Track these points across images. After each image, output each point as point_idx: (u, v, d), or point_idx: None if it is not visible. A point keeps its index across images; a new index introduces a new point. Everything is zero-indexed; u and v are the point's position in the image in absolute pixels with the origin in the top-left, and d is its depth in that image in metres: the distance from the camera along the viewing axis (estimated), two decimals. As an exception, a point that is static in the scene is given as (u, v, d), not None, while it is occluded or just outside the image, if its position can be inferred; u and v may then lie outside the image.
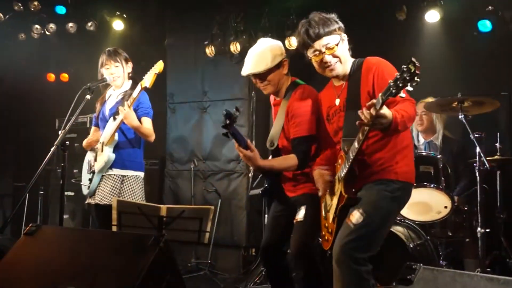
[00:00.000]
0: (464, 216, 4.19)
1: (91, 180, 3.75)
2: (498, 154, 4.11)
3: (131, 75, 3.91)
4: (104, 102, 3.95)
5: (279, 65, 3.03)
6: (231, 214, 5.81)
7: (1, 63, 6.67)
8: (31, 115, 7.21)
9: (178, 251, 5.51)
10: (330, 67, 2.67)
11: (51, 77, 7.34)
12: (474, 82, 5.04)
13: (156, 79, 3.59)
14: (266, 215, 4.84)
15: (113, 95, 3.91)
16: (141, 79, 3.62)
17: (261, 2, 5.76)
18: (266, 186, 3.19)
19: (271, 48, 3.05)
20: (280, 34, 5.69)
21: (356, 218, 2.45)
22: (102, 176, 3.75)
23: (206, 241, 3.42)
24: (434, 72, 4.99)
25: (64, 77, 7.28)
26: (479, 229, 3.83)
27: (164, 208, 3.29)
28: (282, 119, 3.06)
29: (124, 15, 6.39)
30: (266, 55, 3.01)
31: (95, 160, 3.81)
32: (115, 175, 3.72)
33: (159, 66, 3.58)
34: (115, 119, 3.70)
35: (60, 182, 3.48)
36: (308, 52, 2.70)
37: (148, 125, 3.75)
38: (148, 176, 4.05)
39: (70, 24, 6.51)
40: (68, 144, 3.44)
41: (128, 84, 3.88)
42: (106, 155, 3.70)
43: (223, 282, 5.18)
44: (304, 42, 2.69)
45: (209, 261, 5.56)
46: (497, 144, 4.13)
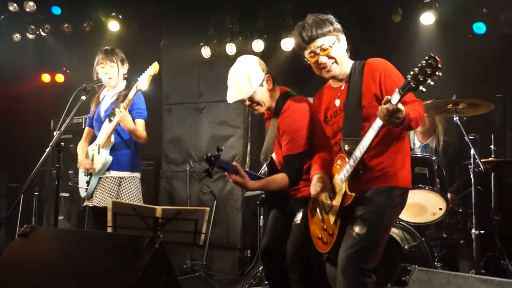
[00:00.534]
0: (458, 217, 4.20)
1: (88, 182, 3.74)
2: (493, 156, 4.12)
3: (126, 76, 3.89)
4: (98, 103, 3.94)
5: (261, 84, 3.03)
6: (227, 216, 5.81)
7: (-4, 63, 6.67)
8: (26, 115, 7.19)
9: (174, 253, 5.50)
10: (326, 68, 2.66)
11: (46, 78, 7.32)
12: (469, 84, 5.06)
13: (152, 80, 3.58)
14: (262, 217, 4.86)
15: (107, 96, 3.90)
16: (135, 80, 3.61)
17: (257, 4, 5.76)
18: (264, 196, 3.20)
19: (250, 69, 3.03)
20: (275, 36, 5.71)
21: (360, 228, 2.45)
22: (100, 179, 3.74)
23: (201, 242, 3.42)
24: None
25: (59, 78, 7.27)
26: (473, 230, 3.84)
27: (159, 209, 3.28)
28: (274, 134, 3.06)
29: (120, 16, 6.38)
30: (245, 81, 3.02)
31: (92, 163, 3.80)
32: (113, 177, 3.72)
33: (154, 68, 3.57)
34: (110, 121, 3.69)
35: (55, 183, 3.47)
36: (305, 54, 2.70)
37: (142, 127, 3.74)
38: (144, 177, 4.04)
39: (66, 25, 6.50)
40: (63, 145, 3.42)
41: (123, 84, 3.86)
42: (104, 157, 3.69)
43: (218, 284, 5.18)
44: (299, 45, 2.71)
45: (204, 262, 5.55)
46: (491, 146, 4.15)
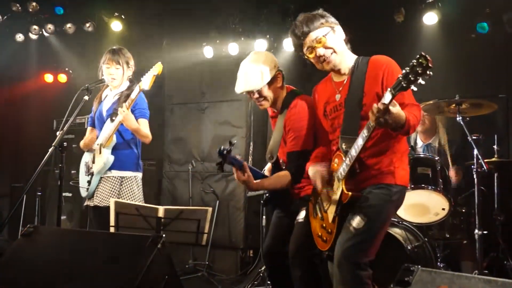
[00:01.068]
0: (461, 218, 4.20)
1: (89, 182, 3.74)
2: (496, 156, 4.11)
3: (131, 77, 3.89)
4: (100, 102, 3.94)
5: (272, 80, 3.04)
6: (229, 216, 5.81)
7: (-1, 63, 6.68)
8: (28, 115, 7.21)
9: (176, 252, 5.50)
10: (326, 59, 2.64)
11: (49, 78, 7.33)
12: (472, 84, 5.05)
13: (154, 80, 3.58)
14: (264, 217, 4.86)
15: (109, 96, 3.90)
16: (138, 80, 3.61)
17: (259, 4, 5.76)
18: (267, 195, 3.20)
19: (263, 63, 3.05)
20: (278, 36, 5.71)
21: (357, 222, 2.45)
22: (101, 178, 3.74)
23: (203, 242, 3.42)
24: (432, 74, 4.99)
25: (62, 78, 7.28)
26: (476, 231, 3.83)
27: (161, 209, 3.28)
28: (281, 132, 3.06)
29: (123, 16, 6.40)
30: (258, 72, 3.02)
31: (93, 162, 3.80)
32: (114, 176, 3.71)
33: (158, 68, 3.56)
34: (112, 121, 3.69)
35: (58, 183, 3.47)
36: (303, 51, 2.69)
37: (145, 126, 3.74)
38: (146, 177, 4.04)
39: (68, 25, 6.51)
40: (66, 145, 3.43)
41: (125, 84, 3.86)
42: (105, 157, 3.69)
43: (220, 284, 5.17)
44: (296, 43, 2.71)
45: (206, 262, 5.55)
46: (494, 146, 4.14)
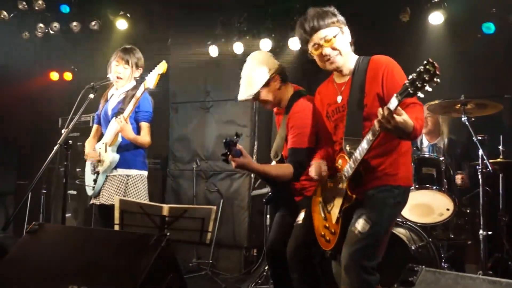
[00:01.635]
0: (466, 218, 4.18)
1: (95, 180, 3.75)
2: (501, 157, 4.10)
3: (137, 78, 3.89)
4: (106, 101, 3.95)
5: (268, 82, 3.05)
6: (233, 214, 5.81)
7: (5, 61, 6.70)
8: (34, 113, 7.23)
9: (180, 251, 5.51)
10: (330, 60, 2.63)
11: (55, 76, 7.36)
12: (477, 85, 5.03)
13: (159, 79, 3.59)
14: (268, 216, 4.86)
15: (115, 95, 3.91)
16: (143, 79, 3.62)
17: (264, 3, 5.76)
18: (270, 194, 3.20)
19: (257, 68, 3.07)
20: (283, 35, 5.71)
21: (362, 226, 2.43)
22: (107, 177, 3.75)
23: (207, 241, 3.42)
24: (439, 81, 4.97)
25: (68, 76, 7.30)
26: (481, 231, 3.82)
27: (166, 207, 3.29)
28: (285, 131, 3.07)
29: (128, 15, 6.41)
30: (252, 79, 3.05)
31: (99, 161, 3.81)
32: (120, 175, 3.72)
33: (162, 67, 3.56)
34: (117, 120, 3.70)
35: (63, 181, 3.48)
36: (308, 46, 2.67)
37: (146, 131, 3.75)
38: (151, 175, 4.05)
39: (74, 23, 6.52)
40: (71, 143, 3.44)
41: (131, 84, 3.87)
42: (111, 155, 3.70)
43: (224, 282, 5.18)
44: (302, 38, 2.68)
45: (210, 261, 5.56)
46: (500, 146, 4.13)
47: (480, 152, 3.87)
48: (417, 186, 3.93)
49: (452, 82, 5.03)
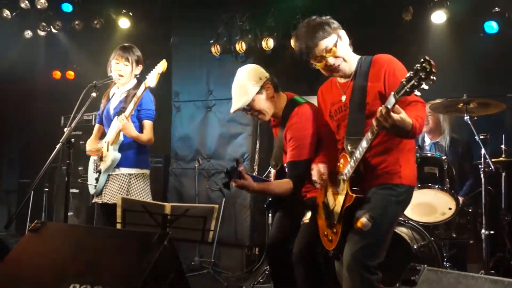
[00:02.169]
0: (468, 217, 4.18)
1: (97, 179, 3.76)
2: (503, 156, 4.10)
3: (138, 75, 3.90)
4: (108, 100, 3.95)
5: (259, 92, 3.05)
6: (235, 213, 5.82)
7: (7, 60, 6.71)
8: (36, 112, 7.24)
9: (182, 249, 5.52)
10: (335, 69, 2.64)
11: (57, 74, 7.37)
12: (480, 84, 5.02)
13: (161, 78, 3.59)
14: (270, 215, 4.87)
15: (117, 94, 3.91)
16: (144, 78, 3.62)
17: (267, 2, 5.75)
18: (270, 199, 3.21)
19: (246, 78, 3.08)
20: (285, 34, 5.70)
21: (364, 224, 2.42)
22: (109, 176, 3.75)
23: (209, 239, 3.42)
24: (439, 73, 4.93)
25: (70, 74, 7.31)
26: (483, 231, 3.82)
27: (168, 206, 3.29)
28: (282, 142, 3.08)
29: (130, 13, 6.42)
30: (242, 89, 3.06)
31: (101, 160, 3.82)
32: (122, 174, 3.73)
33: (162, 65, 3.57)
34: (119, 119, 3.70)
35: (65, 180, 3.48)
36: (311, 60, 2.67)
37: (149, 129, 3.76)
38: (153, 174, 4.05)
39: (76, 22, 6.54)
40: (73, 141, 3.44)
41: (133, 82, 3.87)
42: (112, 154, 3.70)
43: (226, 281, 5.18)
44: (303, 55, 2.67)
45: (212, 259, 5.56)
46: (502, 145, 4.12)
47: (483, 151, 3.86)
48: (419, 185, 3.93)
49: (454, 81, 5.03)
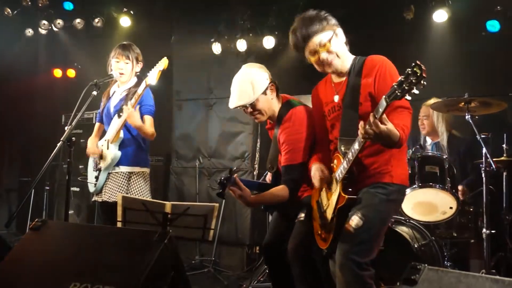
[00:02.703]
0: (469, 217, 4.17)
1: (97, 177, 3.76)
2: (505, 155, 4.08)
3: (138, 73, 3.90)
4: (108, 98, 3.95)
5: (264, 92, 3.04)
6: (236, 212, 5.82)
7: (8, 58, 6.71)
8: (37, 110, 7.24)
9: (182, 248, 5.52)
10: (328, 63, 2.64)
11: (58, 72, 7.36)
12: (481, 83, 5.01)
13: (162, 76, 3.59)
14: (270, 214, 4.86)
15: (117, 92, 3.91)
16: (145, 76, 3.62)
17: (268, 0, 5.75)
18: None
19: (254, 76, 3.04)
20: (286, 33, 5.66)
21: (356, 222, 2.45)
22: (109, 174, 3.75)
23: (210, 238, 3.42)
24: (441, 72, 4.97)
25: (71, 73, 7.31)
26: (484, 230, 3.81)
27: (169, 204, 3.29)
28: (277, 145, 3.07)
29: (131, 12, 6.41)
30: (248, 87, 3.01)
31: (101, 158, 3.81)
32: (122, 172, 3.73)
33: (163, 63, 3.57)
34: (119, 117, 3.70)
35: (66, 178, 3.49)
36: (305, 54, 2.68)
37: (149, 123, 3.75)
38: (153, 172, 4.05)
39: (78, 20, 6.54)
40: (74, 140, 3.44)
41: (133, 81, 3.87)
42: (112, 152, 3.71)
43: (227, 280, 5.19)
44: (297, 47, 2.69)
45: (213, 258, 5.57)
46: (504, 145, 4.11)
47: (484, 150, 3.85)
48: (420, 184, 3.92)
49: (456, 80, 5.02)
